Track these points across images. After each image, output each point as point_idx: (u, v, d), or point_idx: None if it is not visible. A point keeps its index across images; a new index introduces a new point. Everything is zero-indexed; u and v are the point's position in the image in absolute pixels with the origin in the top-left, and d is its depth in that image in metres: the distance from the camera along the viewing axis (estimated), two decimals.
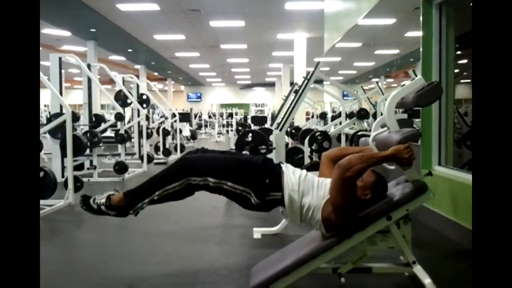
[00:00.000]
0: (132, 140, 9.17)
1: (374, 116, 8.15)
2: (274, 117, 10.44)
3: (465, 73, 7.49)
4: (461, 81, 14.81)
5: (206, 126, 22.66)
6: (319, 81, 7.50)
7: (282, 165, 2.56)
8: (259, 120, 12.78)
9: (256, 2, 9.84)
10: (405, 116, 5.64)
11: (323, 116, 11.40)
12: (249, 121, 15.22)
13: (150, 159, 8.80)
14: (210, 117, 23.14)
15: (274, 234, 3.80)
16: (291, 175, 2.46)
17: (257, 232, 3.81)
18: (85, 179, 6.31)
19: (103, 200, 2.54)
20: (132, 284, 2.73)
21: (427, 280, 2.36)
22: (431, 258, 3.08)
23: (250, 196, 2.42)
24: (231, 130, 13.66)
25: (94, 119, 7.98)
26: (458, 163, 4.65)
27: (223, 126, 21.58)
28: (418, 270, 2.43)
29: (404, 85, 2.62)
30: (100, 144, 7.52)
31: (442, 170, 4.12)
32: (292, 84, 10.77)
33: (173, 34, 13.21)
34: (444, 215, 3.80)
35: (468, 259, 3.17)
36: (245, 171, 2.46)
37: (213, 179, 2.41)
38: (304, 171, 2.55)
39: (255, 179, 2.43)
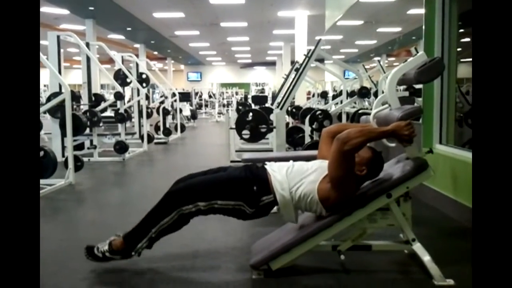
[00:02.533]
0: (132, 119, 9.15)
1: (376, 95, 8.09)
2: (274, 97, 10.38)
3: (467, 52, 7.41)
4: (463, 59, 14.72)
5: (206, 105, 22.59)
6: (321, 60, 7.42)
7: (266, 166, 2.54)
8: (260, 99, 12.72)
9: None
10: (406, 94, 5.61)
11: (324, 95, 11.33)
12: (249, 100, 15.16)
13: (150, 138, 8.80)
14: (210, 96, 23.05)
15: (274, 212, 3.79)
16: (277, 174, 2.45)
17: None
18: (85, 159, 6.30)
19: (106, 247, 2.57)
20: (131, 262, 2.74)
21: (426, 257, 2.37)
22: (430, 236, 3.08)
23: (243, 208, 2.43)
24: (232, 110, 13.62)
25: (93, 98, 7.94)
26: (459, 142, 4.63)
27: (224, 105, 21.52)
28: (418, 247, 2.43)
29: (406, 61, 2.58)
30: (100, 124, 7.51)
31: (443, 148, 4.10)
32: (293, 63, 10.68)
33: (173, 12, 13.04)
34: (444, 193, 3.80)
35: (468, 237, 3.18)
36: (231, 185, 2.47)
37: (203, 202, 2.43)
38: (291, 162, 2.55)
39: (242, 190, 2.43)
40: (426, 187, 3.99)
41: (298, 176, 2.42)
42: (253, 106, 11.71)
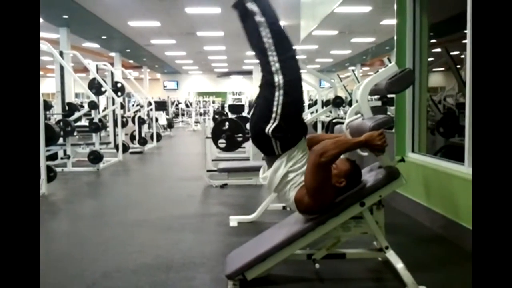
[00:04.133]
0: (107, 129, 9.04)
1: (350, 104, 8.21)
2: (251, 106, 10.41)
3: (438, 62, 7.58)
4: (435, 69, 15.02)
5: (183, 114, 22.48)
6: None
7: (304, 138, 2.51)
8: (237, 108, 12.72)
9: None
10: (379, 103, 5.71)
11: None
12: (226, 109, 15.15)
13: (125, 148, 8.70)
14: (187, 105, 22.95)
15: (250, 222, 3.80)
16: (301, 150, 2.43)
17: (233, 220, 3.81)
18: (58, 169, 6.20)
19: None
20: (106, 274, 2.70)
21: (399, 265, 2.40)
22: (403, 243, 3.13)
23: (271, 122, 2.36)
24: (208, 119, 13.58)
25: (67, 107, 7.82)
26: (432, 150, 4.73)
27: (200, 114, 21.46)
28: (391, 255, 2.47)
29: (378, 72, 2.64)
30: (74, 133, 7.39)
31: (415, 156, 4.18)
32: None
33: (148, 21, 12.98)
34: (417, 201, 3.86)
35: (440, 243, 3.25)
36: (296, 112, 2.47)
37: (283, 82, 2.35)
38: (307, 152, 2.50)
39: (289, 123, 2.38)
40: (399, 194, 4.06)
41: (303, 165, 2.39)
42: (230, 115, 11.71)
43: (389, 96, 6.07)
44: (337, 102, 6.97)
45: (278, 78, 2.36)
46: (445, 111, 6.31)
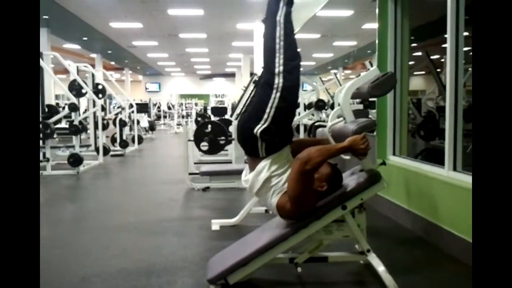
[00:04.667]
0: (88, 131, 8.92)
1: (333, 107, 8.25)
2: (234, 108, 10.40)
3: (419, 65, 7.68)
4: (416, 73, 15.21)
5: (165, 117, 22.34)
6: None
7: (292, 140, 2.52)
8: (219, 111, 12.69)
9: None
10: (361, 106, 5.75)
11: None
12: (209, 112, 15.11)
13: (106, 151, 8.60)
14: (169, 107, 22.82)
15: (232, 225, 3.78)
16: (284, 155, 2.42)
17: (216, 224, 3.79)
18: None
19: None
20: (85, 279, 2.66)
21: (380, 268, 2.41)
22: (385, 246, 3.15)
23: (261, 123, 2.35)
24: (191, 121, 13.53)
25: (46, 109, 7.69)
26: (412, 153, 4.77)
27: (183, 117, 21.36)
28: (373, 258, 2.48)
29: (359, 75, 2.65)
30: (54, 136, 7.27)
31: (396, 159, 4.22)
32: (252, 74, 10.74)
33: (130, 22, 12.87)
34: (398, 204, 3.90)
35: (420, 245, 3.28)
36: (288, 117, 2.46)
37: (282, 85, 2.37)
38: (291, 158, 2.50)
39: (279, 127, 2.38)
40: (381, 197, 4.08)
41: (287, 170, 2.38)
42: (212, 118, 11.67)
43: (370, 99, 6.12)
44: (320, 105, 7.00)
45: (279, 81, 2.37)
46: (426, 114, 6.39)
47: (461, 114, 3.26)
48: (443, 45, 3.47)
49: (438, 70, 5.87)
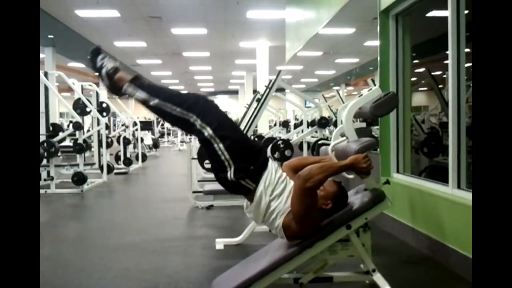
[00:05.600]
0: (92, 149, 8.95)
1: (335, 124, 8.26)
2: (238, 125, 10.42)
3: (422, 82, 7.71)
4: (419, 89, 15.25)
5: (168, 134, 22.40)
6: (281, 89, 7.55)
7: (270, 159, 2.49)
8: None
9: (218, 10, 9.84)
10: (363, 124, 5.74)
11: (285, 124, 11.48)
12: None
13: (110, 169, 8.61)
14: None
15: (237, 244, 3.77)
16: (273, 172, 2.41)
17: (220, 243, 3.77)
18: (41, 191, 6.10)
19: (110, 66, 2.47)
20: None
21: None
22: (390, 265, 3.13)
23: (228, 169, 2.33)
24: (194, 139, 13.52)
25: (51, 128, 7.74)
26: (416, 170, 4.76)
27: (186, 134, 21.37)
28: (378, 278, 2.45)
29: (361, 95, 2.66)
30: (58, 154, 7.30)
31: (400, 177, 4.21)
32: (255, 91, 10.80)
33: (134, 41, 13.03)
34: (402, 221, 3.88)
35: (426, 264, 3.25)
36: (242, 145, 2.40)
37: (212, 132, 2.32)
38: (285, 173, 2.51)
39: (244, 158, 2.35)
40: (385, 215, 4.07)
41: (284, 189, 2.38)
42: None
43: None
44: (322, 123, 7.01)
45: (207, 132, 2.33)
46: (429, 130, 6.39)
47: (464, 131, 3.26)
48: (445, 62, 3.49)
49: (440, 86, 5.90)
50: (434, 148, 5.70)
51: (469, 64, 3.29)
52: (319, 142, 5.80)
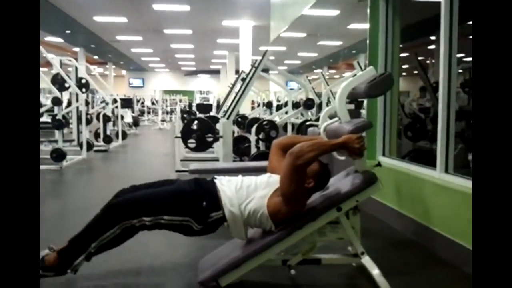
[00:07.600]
0: (71, 126, 8.76)
1: (319, 107, 8.23)
2: (219, 105, 10.31)
3: (405, 66, 7.73)
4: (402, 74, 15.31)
5: (149, 112, 22.12)
6: (265, 70, 7.46)
7: (215, 180, 2.46)
8: (205, 107, 12.58)
9: None
10: (352, 106, 5.73)
11: (269, 105, 11.41)
12: (194, 108, 15.00)
13: (89, 146, 8.45)
14: (153, 103, 22.60)
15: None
16: (227, 189, 2.37)
17: None
18: None
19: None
20: (69, 280, 2.56)
21: (375, 271, 2.38)
22: (376, 248, 3.10)
23: (191, 224, 2.32)
24: (176, 117, 13.39)
25: None
26: (399, 154, 4.77)
27: (167, 113, 21.17)
28: (367, 260, 2.44)
29: (355, 75, 2.61)
30: None
31: (386, 160, 4.20)
32: (237, 72, 10.68)
33: (114, 16, 12.69)
34: (388, 205, 3.88)
35: (412, 248, 3.26)
36: (179, 200, 2.35)
37: (149, 217, 2.29)
38: (240, 176, 2.48)
39: (191, 205, 2.32)
40: (371, 199, 4.06)
41: (247, 192, 2.36)
42: (197, 115, 11.57)
43: (359, 99, 6.10)
44: (308, 104, 6.96)
45: (146, 222, 2.32)
46: (412, 115, 6.41)
47: (453, 116, 3.25)
48: (428, 47, 3.45)
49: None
50: (418, 132, 5.72)
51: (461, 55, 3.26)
52: (307, 123, 5.76)
